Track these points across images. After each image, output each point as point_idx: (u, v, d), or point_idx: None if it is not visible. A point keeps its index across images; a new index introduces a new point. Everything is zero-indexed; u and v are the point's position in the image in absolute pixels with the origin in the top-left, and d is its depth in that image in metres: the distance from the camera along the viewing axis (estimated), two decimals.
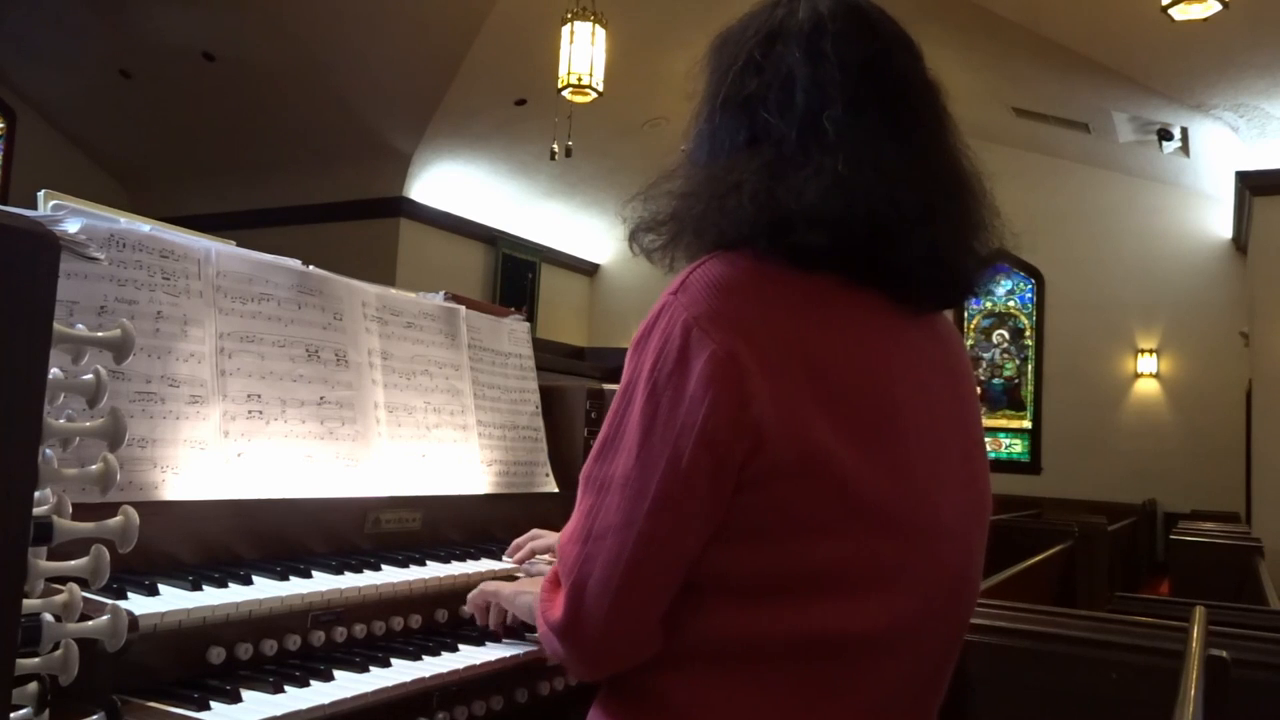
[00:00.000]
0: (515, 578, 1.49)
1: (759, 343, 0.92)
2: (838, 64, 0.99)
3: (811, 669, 0.93)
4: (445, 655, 1.24)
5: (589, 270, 12.88)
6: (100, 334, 0.81)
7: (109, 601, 0.90)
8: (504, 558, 1.56)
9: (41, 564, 0.75)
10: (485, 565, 1.49)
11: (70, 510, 0.81)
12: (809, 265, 0.96)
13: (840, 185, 0.94)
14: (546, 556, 1.50)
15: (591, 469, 0.99)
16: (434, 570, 1.39)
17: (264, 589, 1.15)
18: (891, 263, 0.97)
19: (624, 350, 1.02)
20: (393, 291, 1.67)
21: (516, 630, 1.37)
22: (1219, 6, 5.35)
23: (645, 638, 0.98)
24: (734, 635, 0.94)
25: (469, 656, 1.25)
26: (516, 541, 1.56)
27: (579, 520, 0.99)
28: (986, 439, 1.21)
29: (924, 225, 0.97)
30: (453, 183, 10.34)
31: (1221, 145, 7.99)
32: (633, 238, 1.07)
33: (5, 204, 1.33)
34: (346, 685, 1.08)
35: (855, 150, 0.96)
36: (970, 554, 1.05)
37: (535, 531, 1.57)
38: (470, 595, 1.34)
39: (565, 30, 6.10)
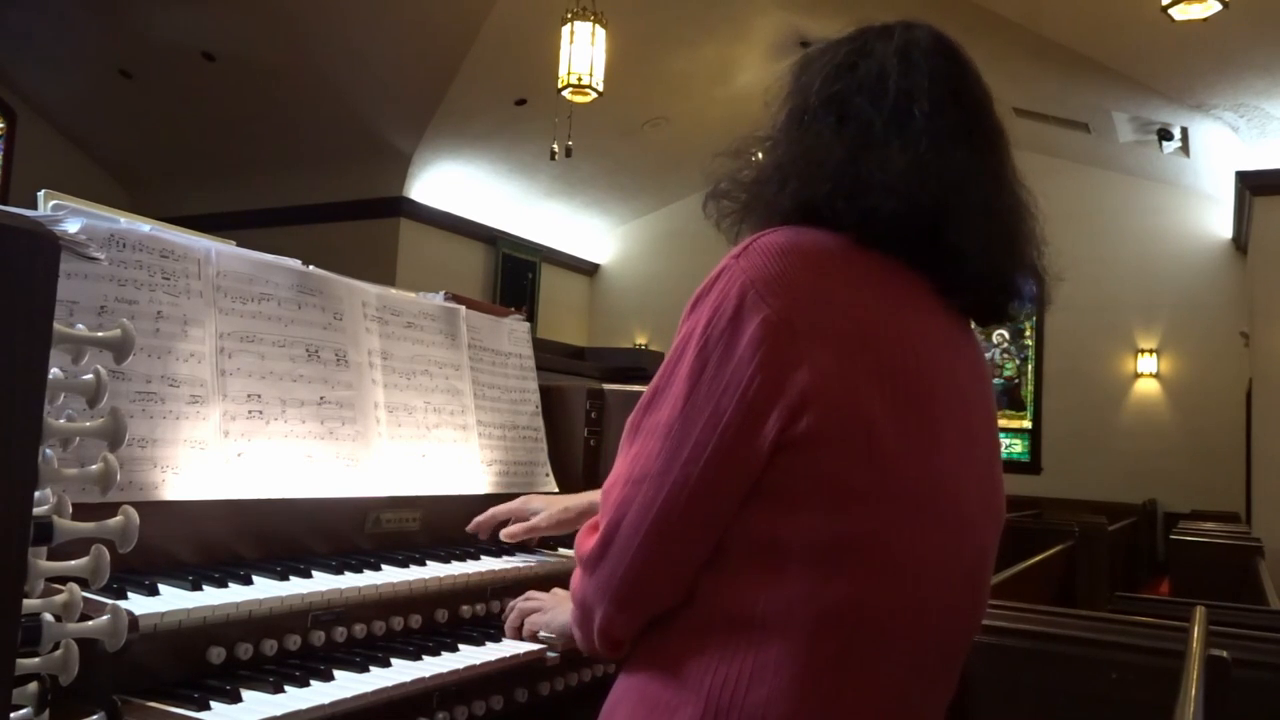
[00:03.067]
0: (528, 577, 1.51)
1: (813, 309, 0.96)
2: (928, 73, 1.07)
3: (826, 645, 0.94)
4: (445, 655, 1.24)
5: (589, 270, 12.88)
6: (100, 334, 0.81)
7: (109, 601, 0.90)
8: (505, 553, 1.57)
9: (41, 564, 0.75)
10: (485, 565, 1.49)
11: (70, 510, 0.81)
12: (872, 239, 1.01)
13: (920, 166, 1.01)
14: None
15: (639, 417, 1.03)
16: (434, 570, 1.39)
17: (264, 589, 1.15)
18: (950, 242, 1.02)
19: (624, 350, 1.04)
20: (393, 291, 1.67)
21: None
22: (1219, 6, 5.36)
23: (667, 586, 1.00)
24: (755, 603, 0.95)
25: (469, 656, 1.25)
26: (478, 520, 1.62)
27: (623, 464, 1.03)
28: None
29: (986, 219, 1.03)
30: (453, 183, 10.34)
31: (1221, 145, 7.99)
32: (710, 199, 1.12)
33: (5, 204, 1.33)
34: (347, 685, 1.08)
35: (936, 143, 1.03)
36: (985, 552, 1.07)
37: (498, 508, 1.63)
38: (508, 623, 1.38)
39: (565, 30, 6.11)
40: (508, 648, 1.32)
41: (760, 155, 1.12)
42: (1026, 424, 10.71)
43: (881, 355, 0.97)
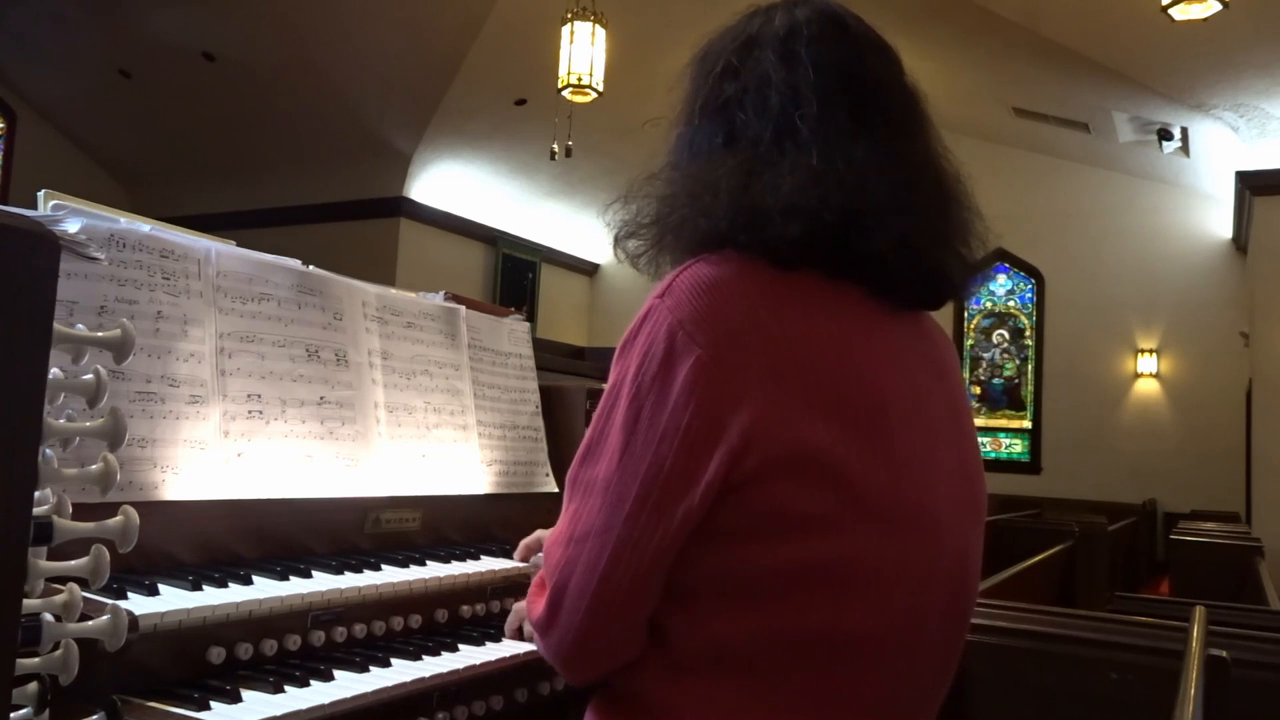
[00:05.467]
0: (527, 577, 1.50)
1: (745, 344, 0.92)
2: (811, 65, 1.02)
3: (809, 674, 0.93)
4: (445, 655, 1.24)
5: (589, 270, 12.88)
6: (100, 334, 0.81)
7: (109, 601, 0.90)
8: (505, 554, 1.57)
9: (41, 564, 0.75)
10: (485, 565, 1.49)
11: (70, 510, 0.81)
12: (788, 262, 0.97)
13: (814, 178, 0.96)
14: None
15: (576, 471, 1.00)
16: (434, 570, 1.39)
17: (264, 589, 1.15)
18: (865, 251, 0.98)
19: None
20: (393, 291, 1.67)
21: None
22: (1219, 6, 5.35)
23: (623, 642, 0.99)
24: (730, 641, 0.94)
25: (469, 656, 1.25)
26: (525, 542, 1.56)
27: (563, 523, 1.01)
28: (986, 439, 1.22)
29: (896, 215, 0.98)
30: (453, 183, 10.34)
31: (1221, 145, 7.99)
32: (618, 244, 1.09)
33: (5, 204, 1.33)
34: (346, 685, 1.08)
35: (828, 146, 0.99)
36: (967, 550, 1.04)
37: (541, 531, 1.57)
38: (508, 624, 1.37)
39: (565, 30, 6.10)
40: (508, 648, 1.32)
41: (656, 181, 1.08)
42: (1026, 424, 10.70)
43: (822, 378, 0.94)
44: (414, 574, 1.35)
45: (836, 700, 0.94)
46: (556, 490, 1.89)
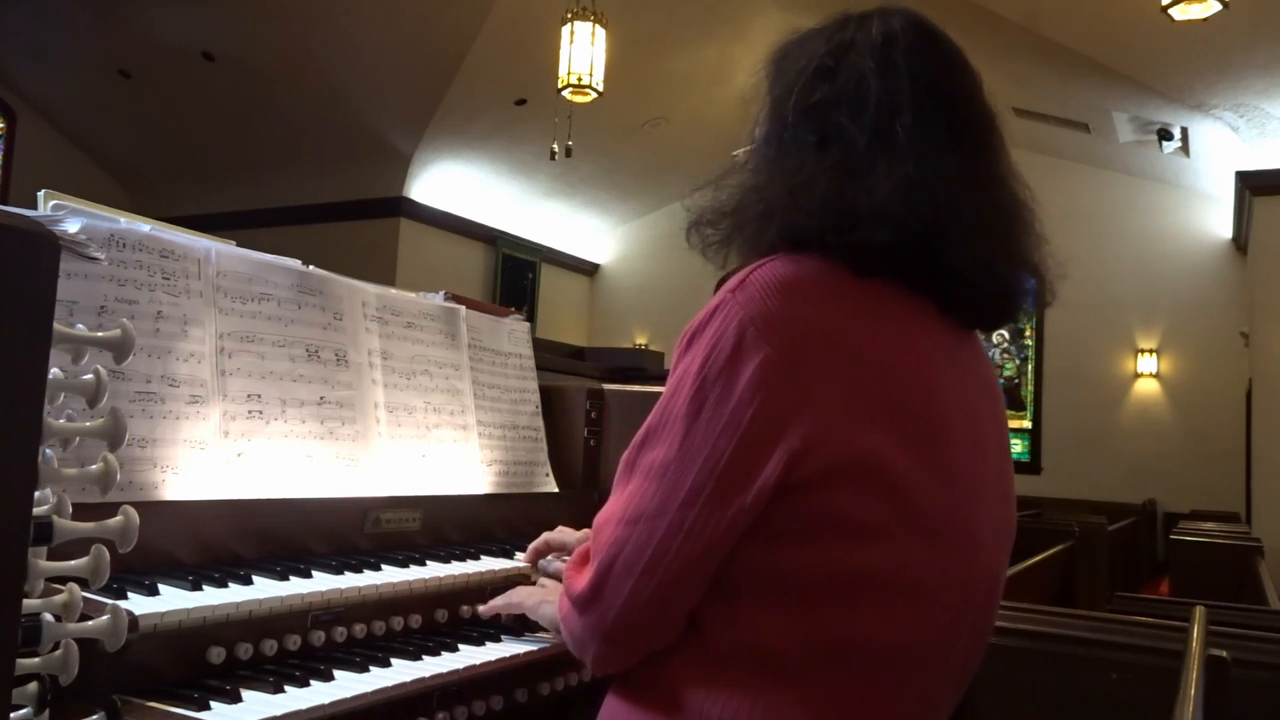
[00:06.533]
0: (526, 577, 1.49)
1: (815, 348, 0.93)
2: (908, 75, 1.03)
3: (843, 680, 0.93)
4: (445, 655, 1.24)
5: (589, 270, 12.88)
6: (100, 334, 0.81)
7: (109, 601, 0.90)
8: (505, 554, 1.57)
9: (41, 564, 0.75)
10: (485, 565, 1.49)
11: (70, 510, 0.81)
12: (868, 269, 0.98)
13: (908, 187, 0.97)
14: (563, 557, 1.50)
15: (634, 455, 1.01)
16: (434, 570, 1.39)
17: (264, 589, 1.15)
18: (946, 264, 0.98)
19: (624, 350, 1.03)
20: (393, 291, 1.67)
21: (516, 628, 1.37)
22: (1219, 6, 5.36)
23: (661, 627, 0.99)
24: (770, 640, 0.94)
25: (469, 656, 1.25)
26: (533, 545, 1.53)
27: (616, 502, 1.01)
28: None
29: (978, 232, 0.99)
30: (453, 183, 10.34)
31: (1221, 145, 7.99)
32: (693, 228, 1.09)
33: (5, 204, 1.33)
34: (346, 685, 1.08)
35: (923, 157, 0.99)
36: (998, 573, 1.06)
37: (548, 534, 1.56)
38: (499, 603, 1.35)
39: (565, 30, 6.10)
40: (507, 648, 1.32)
41: (742, 172, 1.08)
42: (1026, 424, 10.70)
43: (888, 386, 0.95)
44: (414, 574, 1.35)
45: (864, 708, 0.94)
46: (557, 490, 1.89)
